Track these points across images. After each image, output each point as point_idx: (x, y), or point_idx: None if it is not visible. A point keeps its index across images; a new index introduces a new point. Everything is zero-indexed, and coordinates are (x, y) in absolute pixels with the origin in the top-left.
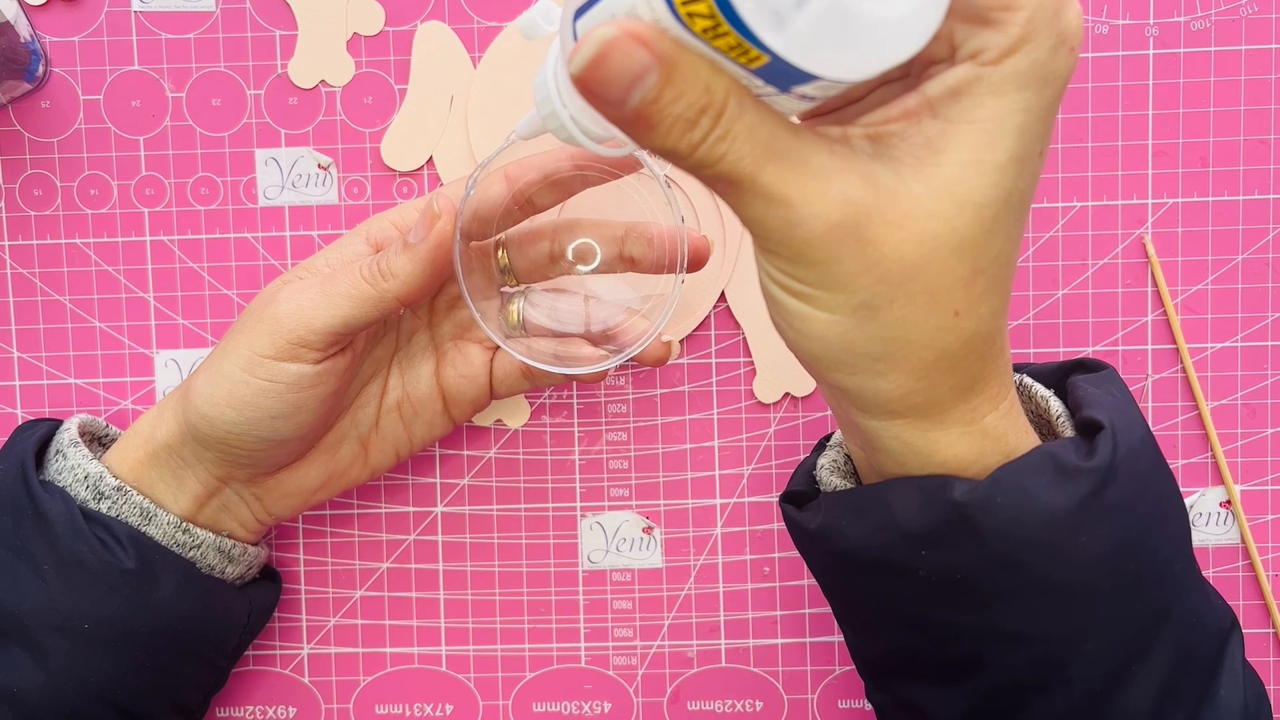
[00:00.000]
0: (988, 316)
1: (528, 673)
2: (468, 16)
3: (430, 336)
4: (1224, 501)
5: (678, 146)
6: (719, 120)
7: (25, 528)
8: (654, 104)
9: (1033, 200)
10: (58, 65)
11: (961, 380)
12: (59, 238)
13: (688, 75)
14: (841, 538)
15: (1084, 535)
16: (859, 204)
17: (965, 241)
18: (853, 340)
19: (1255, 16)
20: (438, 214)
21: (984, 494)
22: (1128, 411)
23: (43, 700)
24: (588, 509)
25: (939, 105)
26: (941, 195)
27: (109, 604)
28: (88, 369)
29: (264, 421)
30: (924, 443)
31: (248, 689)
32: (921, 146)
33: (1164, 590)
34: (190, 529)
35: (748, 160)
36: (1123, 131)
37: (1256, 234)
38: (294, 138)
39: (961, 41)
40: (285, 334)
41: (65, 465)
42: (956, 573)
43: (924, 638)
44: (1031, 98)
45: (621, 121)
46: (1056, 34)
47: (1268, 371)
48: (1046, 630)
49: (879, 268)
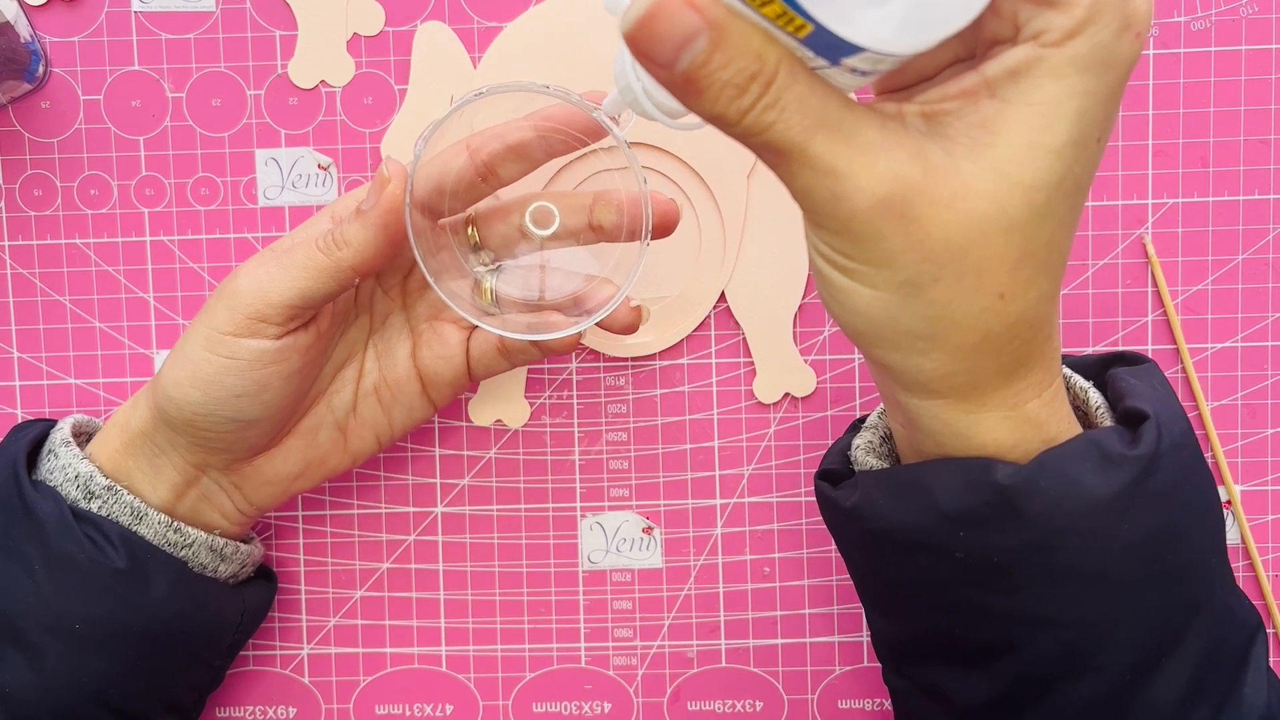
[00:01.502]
0: (1035, 301)
1: (528, 673)
2: (468, 16)
3: (405, 318)
4: (1224, 501)
5: (726, 112)
6: (769, 88)
7: (16, 528)
8: (703, 68)
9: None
10: (58, 65)
11: (1005, 364)
12: (59, 238)
13: (738, 41)
14: (878, 516)
15: (1125, 523)
16: (907, 180)
17: (1014, 224)
18: (896, 317)
19: (1255, 17)
20: (388, 178)
21: (1027, 477)
22: (1170, 404)
23: (36, 701)
24: (588, 509)
25: (997, 86)
26: (992, 176)
27: (100, 604)
28: (88, 369)
29: (228, 400)
30: (965, 424)
31: (247, 689)
32: (976, 126)
33: (1198, 583)
34: (182, 528)
35: (796, 130)
36: (1123, 132)
37: (1256, 234)
38: (294, 138)
39: (1025, 22)
40: (243, 309)
41: (57, 465)
42: (994, 556)
43: (954, 620)
44: (1092, 82)
45: (671, 84)
46: (1122, 17)
47: (1268, 372)
48: (1079, 617)
49: (924, 246)
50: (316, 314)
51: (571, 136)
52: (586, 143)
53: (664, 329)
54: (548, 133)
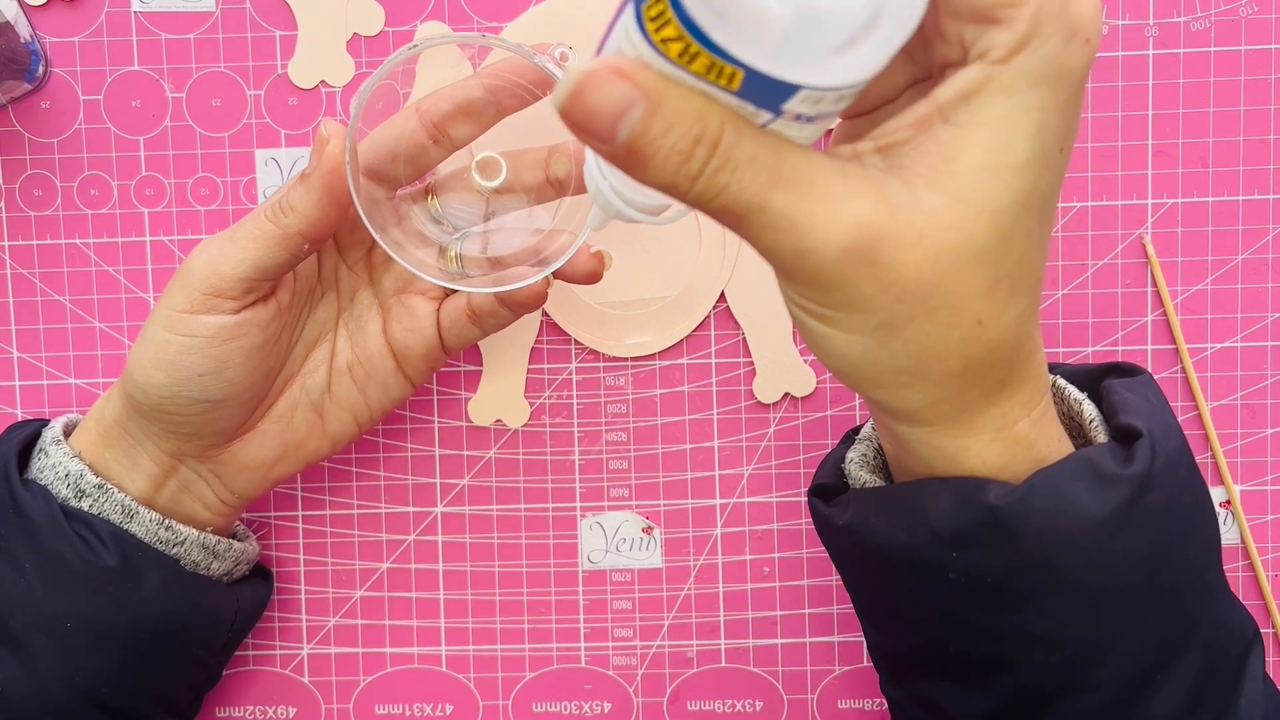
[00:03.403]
0: (1013, 322)
1: (527, 673)
2: (467, 17)
3: (373, 293)
4: (1224, 501)
5: (676, 180)
6: (716, 149)
7: (7, 527)
8: (644, 136)
9: (1059, 198)
10: (58, 65)
11: (990, 386)
12: (59, 238)
13: (677, 105)
14: (871, 535)
15: (1119, 542)
16: (871, 227)
17: (984, 250)
18: (876, 358)
19: (1255, 17)
20: (326, 139)
21: (1020, 497)
22: (1165, 419)
23: (29, 700)
24: (587, 509)
25: (950, 110)
26: (956, 204)
27: (92, 602)
28: (88, 369)
29: (192, 380)
30: (955, 449)
31: (247, 689)
32: (934, 154)
33: (1194, 599)
34: (173, 525)
35: (752, 189)
36: (1122, 132)
37: (1256, 234)
38: (294, 138)
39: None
40: (198, 285)
41: (47, 463)
42: (987, 576)
43: (949, 636)
44: (1046, 94)
45: (615, 158)
46: (1066, 26)
47: (1267, 372)
48: (1075, 635)
49: (896, 288)
50: (275, 288)
51: (523, 89)
52: (539, 96)
53: (664, 329)
54: (496, 90)
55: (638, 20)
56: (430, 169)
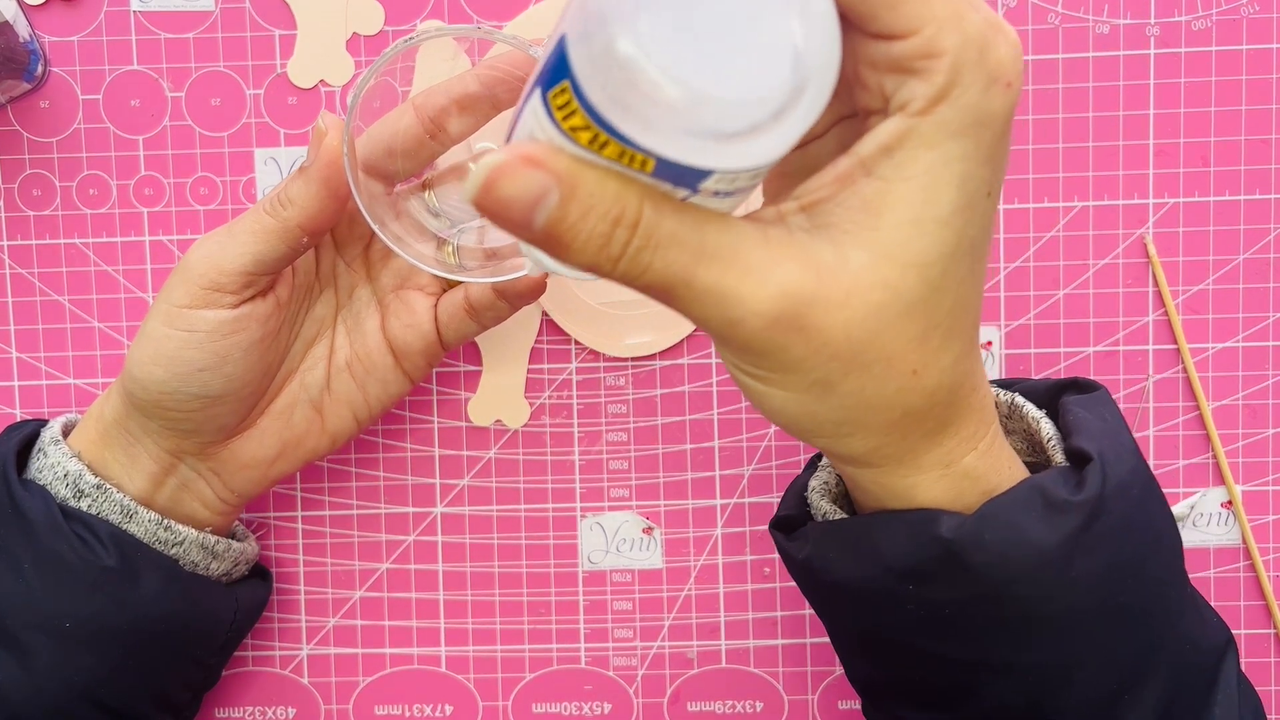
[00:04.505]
0: (950, 366)
1: (527, 673)
2: (467, 16)
3: (371, 290)
4: (1225, 502)
5: (598, 261)
6: (636, 229)
7: (5, 527)
8: (561, 223)
9: (991, 237)
10: (57, 65)
11: (932, 428)
12: (58, 238)
13: (593, 189)
14: (829, 570)
15: (1073, 569)
16: (797, 295)
17: (913, 304)
18: (814, 411)
19: (1256, 16)
20: (324, 131)
21: (971, 530)
22: (1118, 438)
23: (27, 700)
24: (588, 509)
25: (872, 164)
26: (883, 261)
27: (90, 602)
28: (87, 369)
29: (191, 375)
30: (903, 486)
31: (246, 689)
32: (859, 210)
33: (1156, 617)
34: (172, 526)
35: (676, 266)
36: (1124, 131)
37: (1258, 234)
38: (293, 137)
39: (891, 92)
40: (197, 279)
41: (46, 463)
42: (944, 608)
43: (915, 666)
44: (969, 143)
45: (535, 243)
46: (986, 73)
47: (1269, 372)
48: (1037, 661)
49: (828, 349)
50: (274, 282)
51: (519, 83)
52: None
53: (664, 329)
54: (493, 84)
55: (545, 108)
56: (428, 163)
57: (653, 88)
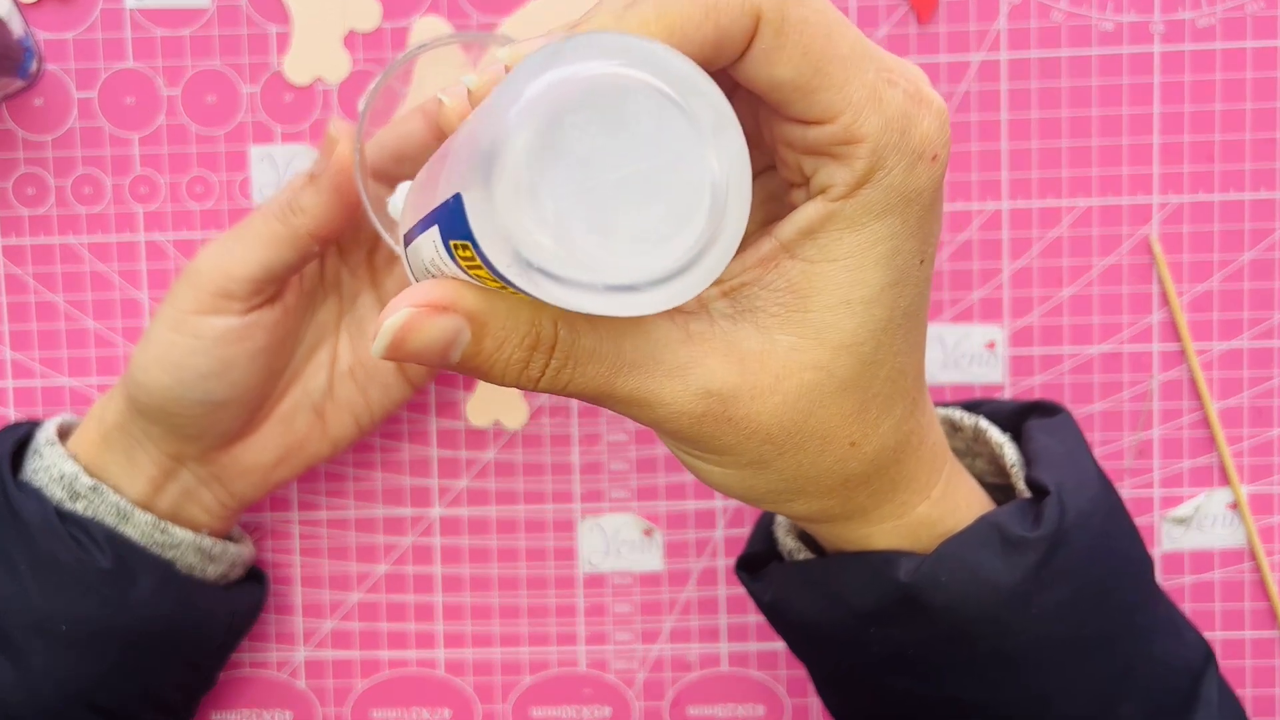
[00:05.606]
0: (890, 431)
1: (526, 677)
2: (464, 12)
3: (375, 296)
4: (1230, 503)
5: (520, 383)
6: (553, 351)
7: (1, 529)
8: (476, 356)
9: (929, 299)
10: (51, 62)
11: (878, 487)
12: (52, 236)
13: (504, 321)
14: (793, 612)
15: (1035, 605)
16: (720, 391)
17: (846, 382)
18: (753, 484)
19: (1261, 13)
20: (335, 139)
21: (928, 572)
22: (1079, 465)
23: (22, 702)
24: (587, 511)
25: (795, 247)
26: (813, 344)
27: (85, 604)
28: (81, 369)
29: (196, 382)
30: (858, 537)
31: (243, 693)
32: (785, 292)
33: (1127, 642)
34: (168, 528)
35: (597, 380)
36: (1128, 129)
37: (1263, 233)
38: (289, 135)
39: (811, 174)
40: (206, 286)
41: (41, 465)
42: (907, 649)
43: (890, 704)
44: (895, 221)
45: (454, 371)
46: (910, 153)
47: (1274, 371)
48: (1006, 698)
49: (759, 434)
50: (282, 289)
51: None
52: None
53: None
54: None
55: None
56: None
57: (558, 264)
